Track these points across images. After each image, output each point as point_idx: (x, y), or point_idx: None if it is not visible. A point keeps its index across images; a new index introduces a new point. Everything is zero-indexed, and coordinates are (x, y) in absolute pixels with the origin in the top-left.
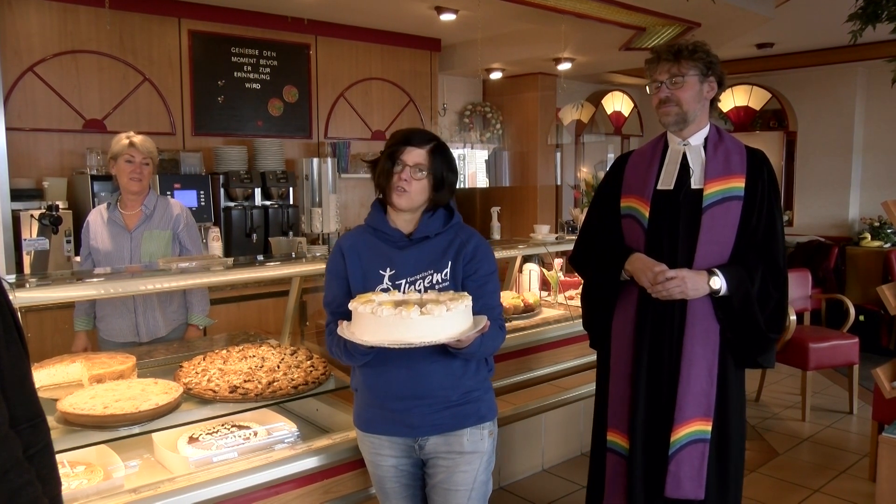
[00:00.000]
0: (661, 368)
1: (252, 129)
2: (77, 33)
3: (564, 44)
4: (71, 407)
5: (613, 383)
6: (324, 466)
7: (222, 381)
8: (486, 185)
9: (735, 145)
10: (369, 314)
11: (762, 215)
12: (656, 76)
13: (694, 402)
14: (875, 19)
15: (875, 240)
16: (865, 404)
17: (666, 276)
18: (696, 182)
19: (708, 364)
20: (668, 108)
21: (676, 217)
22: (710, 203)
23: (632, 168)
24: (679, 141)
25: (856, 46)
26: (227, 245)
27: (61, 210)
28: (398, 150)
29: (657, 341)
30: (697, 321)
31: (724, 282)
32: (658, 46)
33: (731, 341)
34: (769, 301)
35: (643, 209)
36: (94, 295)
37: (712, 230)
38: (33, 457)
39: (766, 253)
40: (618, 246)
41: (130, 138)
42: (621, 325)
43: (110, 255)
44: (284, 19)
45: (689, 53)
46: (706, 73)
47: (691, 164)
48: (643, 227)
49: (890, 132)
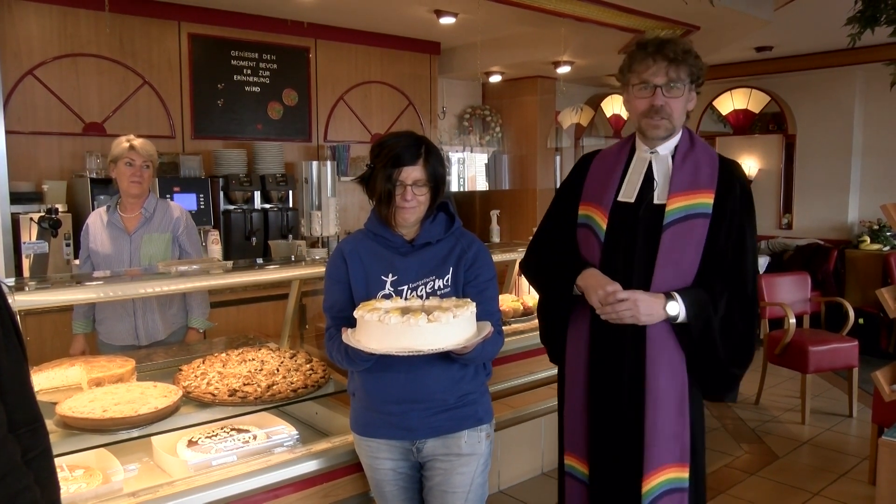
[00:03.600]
0: (620, 398)
1: (252, 132)
2: (77, 36)
3: (564, 47)
4: (70, 410)
5: (569, 407)
6: (323, 470)
7: (221, 385)
8: (485, 189)
9: (706, 155)
10: (376, 322)
11: (731, 236)
12: (648, 77)
13: (665, 446)
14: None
15: (874, 243)
16: (865, 407)
17: (617, 297)
18: (659, 196)
19: (678, 401)
20: (659, 122)
21: (635, 233)
22: (672, 220)
23: (594, 172)
24: (646, 149)
25: (854, 50)
26: (226, 248)
27: (61, 213)
28: (393, 173)
29: (615, 367)
30: (659, 350)
31: (682, 307)
32: (646, 39)
33: (690, 372)
34: (733, 332)
35: (601, 221)
36: (94, 298)
37: (672, 250)
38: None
39: (734, 278)
40: (572, 258)
41: (131, 141)
42: (574, 344)
43: (110, 258)
44: (284, 22)
45: (684, 55)
46: (695, 80)
47: (656, 175)
48: (599, 240)
49: (889, 135)
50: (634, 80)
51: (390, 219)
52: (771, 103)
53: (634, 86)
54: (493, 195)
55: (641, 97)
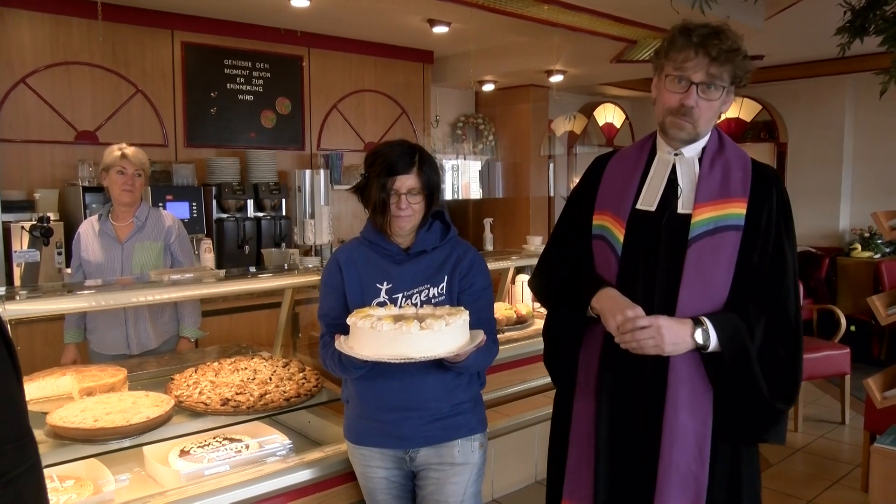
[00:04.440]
0: (633, 434)
1: (245, 141)
2: (70, 45)
3: (556, 56)
4: (60, 420)
5: (575, 441)
6: (316, 479)
7: (214, 394)
8: (479, 197)
9: (738, 159)
10: (368, 329)
11: (767, 251)
12: (685, 70)
13: (679, 485)
14: (862, 32)
15: (865, 250)
16: (857, 414)
17: (637, 325)
18: (684, 205)
19: (697, 438)
20: (685, 123)
21: (656, 247)
22: (699, 233)
23: (610, 176)
24: (669, 149)
25: (845, 59)
26: (219, 256)
27: (53, 222)
28: (388, 182)
29: (630, 399)
30: (682, 381)
31: (713, 335)
32: (693, 24)
33: (725, 410)
34: (775, 362)
35: (617, 231)
36: (86, 307)
37: (699, 267)
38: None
39: (773, 301)
40: (586, 275)
41: (122, 150)
42: (585, 370)
43: (101, 267)
44: (277, 31)
45: (731, 55)
46: (736, 82)
47: (680, 181)
48: (616, 254)
49: (878, 143)
50: (669, 70)
51: (386, 227)
52: (762, 112)
53: (668, 76)
54: (486, 203)
55: (673, 91)
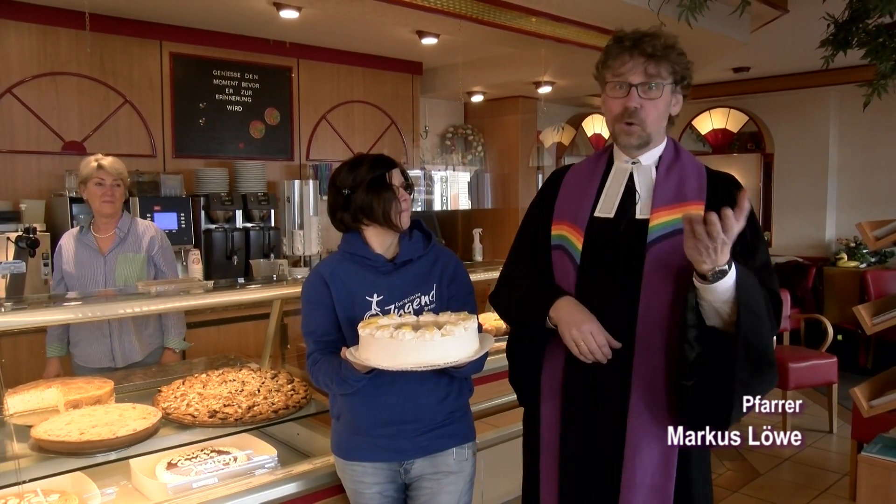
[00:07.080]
0: (598, 448)
1: (233, 152)
2: (57, 55)
3: (544, 68)
4: (45, 433)
5: (544, 461)
6: (304, 492)
7: (201, 406)
8: (468, 207)
9: (693, 167)
10: (388, 339)
11: (734, 248)
12: (623, 74)
13: (643, 500)
14: (846, 45)
15: (851, 260)
16: (845, 423)
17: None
18: (642, 211)
19: (662, 449)
20: (633, 129)
21: (615, 253)
22: (658, 237)
23: (567, 187)
24: (626, 159)
25: (829, 71)
26: (207, 267)
27: (39, 232)
28: (387, 175)
29: (592, 413)
30: (645, 391)
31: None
32: (624, 32)
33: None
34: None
35: (575, 240)
36: (72, 319)
37: (659, 270)
38: None
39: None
40: (545, 285)
41: (98, 160)
42: (549, 386)
43: (84, 280)
44: (266, 42)
45: (666, 51)
46: (679, 80)
47: (638, 187)
48: (574, 262)
49: (862, 154)
50: (609, 78)
51: (397, 222)
52: (749, 123)
53: (608, 83)
54: (475, 214)
55: (615, 97)
